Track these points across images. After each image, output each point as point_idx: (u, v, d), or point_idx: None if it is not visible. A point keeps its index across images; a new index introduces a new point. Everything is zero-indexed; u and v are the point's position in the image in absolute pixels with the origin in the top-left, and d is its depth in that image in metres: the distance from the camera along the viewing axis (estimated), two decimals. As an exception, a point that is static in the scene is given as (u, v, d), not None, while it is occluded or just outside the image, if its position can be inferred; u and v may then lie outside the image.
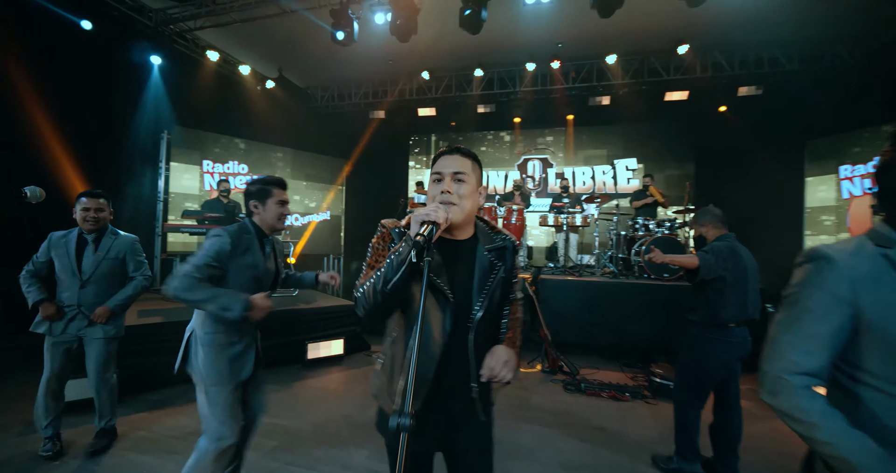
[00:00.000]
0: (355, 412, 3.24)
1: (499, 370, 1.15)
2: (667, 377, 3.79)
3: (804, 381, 0.87)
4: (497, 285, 1.21)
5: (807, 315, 0.90)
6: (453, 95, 8.18)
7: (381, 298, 1.08)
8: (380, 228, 1.24)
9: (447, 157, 1.20)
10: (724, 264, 2.32)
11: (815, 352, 0.88)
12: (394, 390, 1.19)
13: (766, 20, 5.77)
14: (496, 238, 1.26)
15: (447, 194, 1.14)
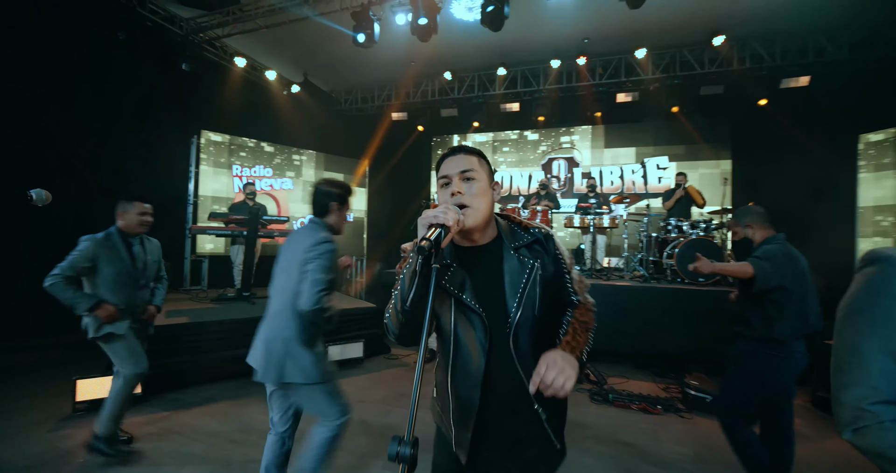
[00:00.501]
0: (372, 417, 3.18)
1: (551, 377, 0.92)
2: (703, 390, 3.54)
3: (889, 412, 0.72)
4: (533, 284, 1.07)
5: (877, 327, 0.75)
6: (476, 95, 8.07)
7: (404, 317, 1.00)
8: (401, 253, 1.18)
9: (450, 158, 1.10)
10: (783, 270, 2.02)
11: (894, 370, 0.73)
12: (447, 416, 1.12)
13: (811, 5, 5.37)
14: (524, 234, 1.12)
15: (459, 196, 1.04)
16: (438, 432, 1.20)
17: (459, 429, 1.07)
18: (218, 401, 3.41)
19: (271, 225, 5.28)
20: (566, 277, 1.13)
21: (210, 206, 6.47)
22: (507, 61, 7.32)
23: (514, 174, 8.75)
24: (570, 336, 1.09)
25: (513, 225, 1.15)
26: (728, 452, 2.78)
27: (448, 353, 1.08)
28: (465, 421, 1.06)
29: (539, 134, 8.67)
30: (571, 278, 1.14)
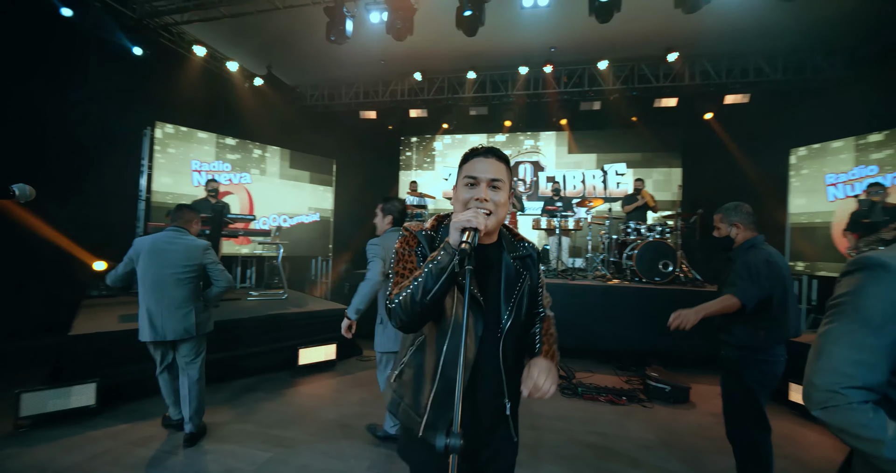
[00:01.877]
0: (353, 420, 3.15)
1: (542, 381, 1.04)
2: (662, 381, 3.82)
3: (861, 395, 0.84)
4: (524, 294, 1.17)
5: (863, 325, 0.87)
6: (445, 97, 8.14)
7: (420, 308, 1.02)
8: (402, 232, 1.20)
9: (483, 160, 1.12)
10: (766, 282, 2.00)
11: (873, 365, 0.84)
12: (423, 402, 1.12)
13: (752, 31, 5.92)
14: (519, 246, 1.22)
15: (484, 203, 1.08)
16: (405, 435, 1.21)
17: (438, 409, 1.09)
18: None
19: (236, 223, 5.04)
20: (540, 292, 1.27)
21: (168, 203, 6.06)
22: (476, 66, 7.45)
23: (482, 176, 8.90)
24: (547, 347, 1.22)
25: (510, 235, 1.24)
26: (689, 436, 3.05)
27: (444, 336, 1.11)
28: (448, 402, 1.07)
29: (506, 138, 8.89)
30: (543, 294, 1.28)
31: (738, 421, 2.16)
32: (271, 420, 3.11)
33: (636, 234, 5.81)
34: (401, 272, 1.13)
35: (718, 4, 4.68)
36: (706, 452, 2.81)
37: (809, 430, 3.18)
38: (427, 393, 1.11)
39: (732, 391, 2.16)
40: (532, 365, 1.08)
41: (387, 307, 1.10)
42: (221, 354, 3.83)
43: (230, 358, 3.89)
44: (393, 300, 1.07)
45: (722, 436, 3.00)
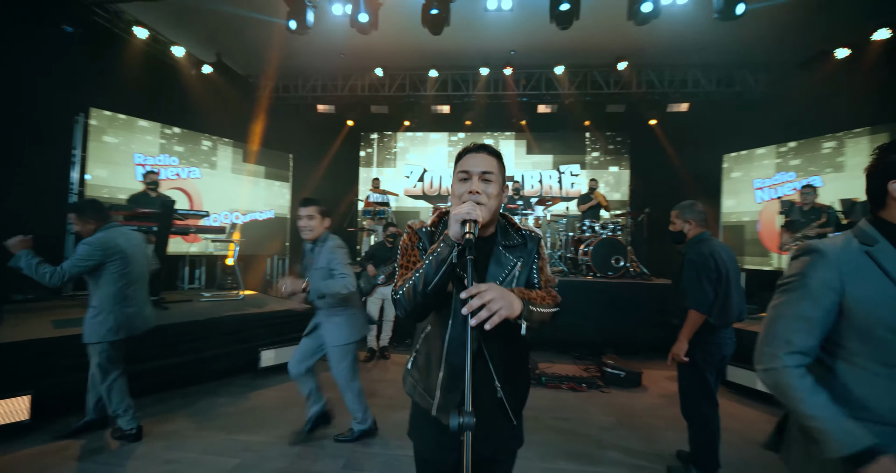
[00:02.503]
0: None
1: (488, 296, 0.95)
2: (617, 368, 4.10)
3: (796, 360, 1.01)
4: (513, 278, 1.19)
5: (802, 300, 1.03)
6: (407, 94, 8.11)
7: (422, 298, 1.08)
8: (406, 229, 1.26)
9: (474, 155, 1.18)
10: (713, 276, 2.25)
11: (808, 332, 1.01)
12: (432, 384, 1.20)
13: (691, 46, 6.47)
14: (514, 235, 1.24)
15: (476, 195, 1.13)
16: (416, 414, 1.29)
17: (447, 393, 1.17)
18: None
19: (189, 220, 4.72)
20: (534, 268, 1.23)
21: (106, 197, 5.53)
22: (438, 64, 7.49)
23: (444, 175, 8.99)
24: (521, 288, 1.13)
25: (508, 225, 1.27)
26: (646, 416, 3.31)
27: (446, 325, 1.17)
28: (456, 385, 1.16)
29: (467, 137, 9.02)
30: (541, 270, 1.24)
31: (690, 399, 2.41)
32: (235, 424, 2.98)
33: (591, 231, 6.16)
34: (405, 266, 1.19)
35: (664, 19, 5.06)
36: (659, 429, 3.07)
37: (747, 407, 3.56)
38: (436, 378, 1.19)
39: (685, 372, 2.40)
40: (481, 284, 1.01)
41: (393, 298, 1.15)
42: (176, 358, 3.60)
43: (187, 363, 3.65)
44: (398, 291, 1.12)
45: (672, 415, 3.30)
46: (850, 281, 0.99)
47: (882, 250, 0.99)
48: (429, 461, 1.27)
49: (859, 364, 0.99)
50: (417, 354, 1.28)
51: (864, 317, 0.97)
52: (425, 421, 1.23)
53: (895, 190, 1.00)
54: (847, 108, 5.95)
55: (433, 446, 1.24)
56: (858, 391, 0.98)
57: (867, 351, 0.98)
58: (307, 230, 2.51)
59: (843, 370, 1.01)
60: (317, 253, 2.54)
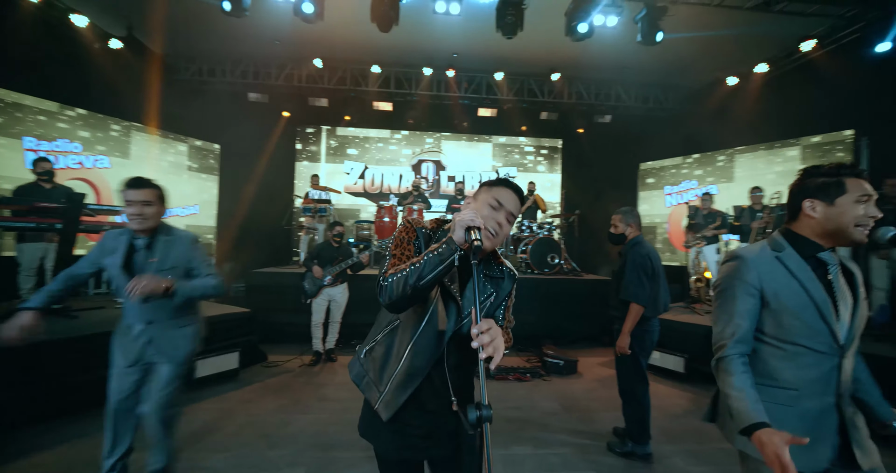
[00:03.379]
0: (274, 430, 2.95)
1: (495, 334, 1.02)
2: (556, 357, 4.45)
3: (740, 348, 1.25)
4: (481, 309, 1.19)
5: (732, 298, 1.28)
6: (348, 89, 7.90)
7: (411, 291, 1.10)
8: (404, 222, 1.29)
9: (510, 192, 1.24)
10: (650, 274, 2.59)
11: (742, 323, 1.26)
12: (384, 376, 1.22)
13: (615, 64, 7.16)
14: (496, 267, 1.32)
15: (498, 227, 1.21)
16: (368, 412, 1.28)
17: (398, 390, 1.20)
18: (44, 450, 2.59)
19: (99, 216, 4.15)
20: (503, 306, 1.34)
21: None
22: (381, 61, 7.41)
23: (385, 173, 8.90)
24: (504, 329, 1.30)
25: (491, 257, 1.34)
26: (584, 399, 3.65)
27: (419, 324, 1.21)
28: (407, 386, 1.20)
29: (410, 135, 9.03)
30: (507, 308, 1.35)
31: (626, 380, 2.75)
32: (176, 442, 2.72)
33: (529, 231, 6.56)
34: (397, 256, 1.22)
35: (594, 39, 5.56)
36: (597, 410, 3.42)
37: (666, 386, 4.08)
38: (391, 372, 1.21)
39: (623, 357, 2.72)
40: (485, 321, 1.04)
41: (379, 283, 1.15)
42: (90, 375, 3.17)
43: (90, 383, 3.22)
44: (387, 278, 1.13)
45: (606, 397, 3.69)
46: (766, 279, 1.25)
47: (788, 255, 1.26)
48: (389, 459, 1.28)
49: (774, 344, 1.25)
50: (376, 344, 1.27)
51: (777, 307, 1.23)
52: (372, 414, 1.24)
53: (807, 207, 1.27)
54: (736, 127, 7.03)
55: (390, 442, 1.24)
56: (771, 364, 1.25)
57: (777, 333, 1.24)
58: (141, 219, 1.90)
59: (763, 349, 1.27)
60: (159, 249, 1.96)
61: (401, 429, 1.22)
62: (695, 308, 5.13)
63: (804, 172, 1.32)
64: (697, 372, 4.15)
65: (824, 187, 1.25)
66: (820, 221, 1.25)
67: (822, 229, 1.25)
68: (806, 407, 1.20)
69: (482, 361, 0.99)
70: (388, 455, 1.27)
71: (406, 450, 1.23)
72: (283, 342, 5.05)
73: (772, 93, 6.64)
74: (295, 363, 4.48)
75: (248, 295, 5.62)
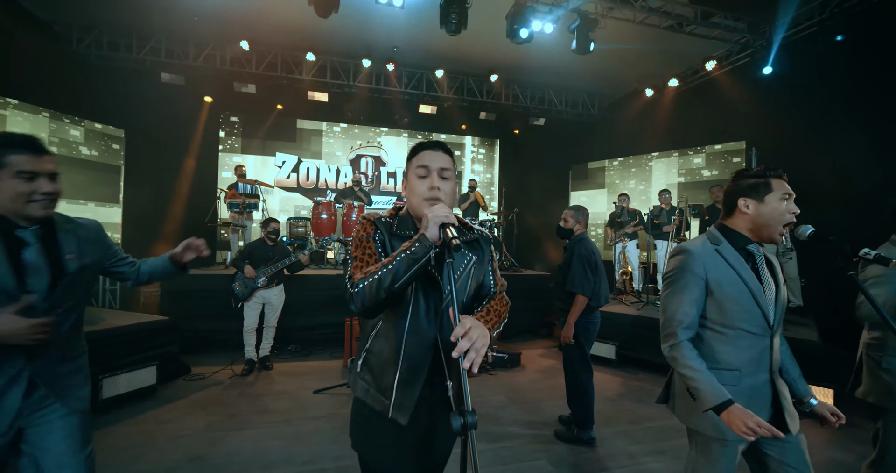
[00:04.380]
0: (207, 449, 2.65)
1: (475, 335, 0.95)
2: (501, 351, 4.58)
3: (687, 334, 1.37)
4: (467, 276, 1.23)
5: (684, 288, 1.40)
6: (279, 75, 7.35)
7: (386, 295, 1.04)
8: (360, 221, 1.23)
9: (431, 152, 1.21)
10: (593, 270, 2.77)
11: (690, 311, 1.38)
12: (388, 383, 1.16)
13: (549, 70, 7.54)
14: (467, 232, 1.29)
15: (436, 191, 1.16)
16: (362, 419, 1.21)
17: (405, 389, 1.14)
18: None
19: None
20: (490, 269, 1.32)
21: None
22: (317, 48, 7.00)
23: (322, 167, 8.47)
24: (483, 312, 1.18)
25: (459, 223, 1.29)
26: (530, 390, 3.79)
27: (403, 319, 1.16)
28: (414, 380, 1.15)
29: (348, 129, 8.68)
30: (494, 271, 1.33)
31: (571, 369, 2.90)
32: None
33: (471, 228, 6.67)
34: (360, 257, 1.15)
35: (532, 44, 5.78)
36: (542, 400, 3.58)
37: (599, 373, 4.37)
38: (392, 376, 1.15)
39: (569, 347, 2.87)
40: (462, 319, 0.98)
41: (349, 291, 1.07)
42: None
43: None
44: (356, 284, 1.06)
45: (549, 386, 3.87)
46: (709, 270, 1.38)
47: (724, 248, 1.41)
48: (382, 467, 1.19)
49: (716, 329, 1.39)
50: (368, 353, 1.21)
51: (719, 294, 1.37)
52: (377, 426, 1.17)
53: (741, 205, 1.42)
54: (652, 135, 7.78)
55: (390, 453, 1.18)
56: (715, 347, 1.39)
57: (720, 319, 1.38)
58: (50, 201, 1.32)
59: (706, 335, 1.41)
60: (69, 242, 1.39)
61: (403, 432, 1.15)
62: (622, 299, 5.60)
63: (736, 174, 1.48)
64: (626, 358, 4.53)
65: (755, 186, 1.40)
66: (752, 216, 1.40)
67: (754, 224, 1.41)
68: (747, 384, 1.35)
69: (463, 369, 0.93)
70: (385, 465, 1.18)
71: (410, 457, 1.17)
72: (210, 351, 4.59)
73: (681, 105, 7.45)
74: (225, 373, 4.08)
75: (165, 301, 5.00)
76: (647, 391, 3.84)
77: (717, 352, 1.37)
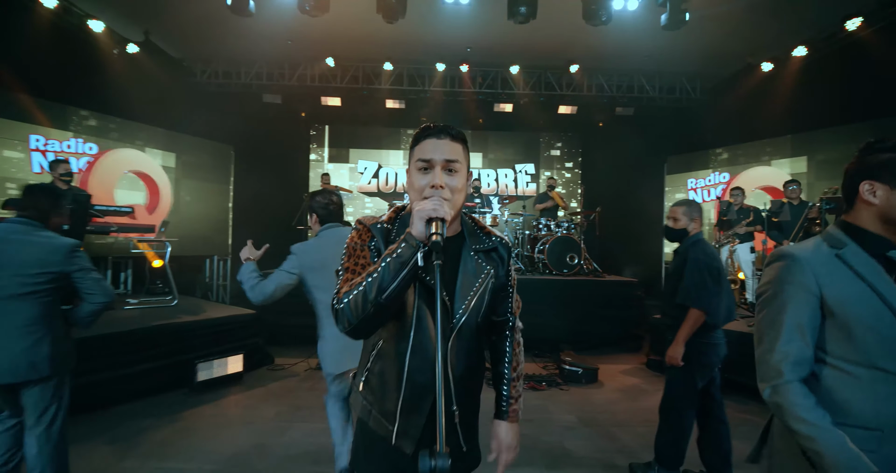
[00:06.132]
0: (269, 438, 2.81)
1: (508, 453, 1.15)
2: (574, 364, 4.15)
3: (797, 372, 0.97)
4: (484, 291, 1.05)
5: (785, 308, 1.00)
6: (360, 87, 7.80)
7: (373, 308, 0.88)
8: (356, 225, 1.06)
9: (434, 140, 0.99)
10: (716, 279, 2.21)
11: (800, 339, 0.98)
12: (390, 408, 1.01)
13: (637, 53, 6.77)
14: (485, 239, 1.10)
15: (438, 190, 0.96)
16: (364, 440, 1.09)
17: (409, 416, 1.00)
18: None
19: (109, 216, 4.15)
20: (510, 291, 1.15)
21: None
22: (393, 57, 7.27)
23: (400, 173, 8.76)
24: (514, 400, 1.18)
25: (476, 227, 1.13)
26: (605, 412, 3.35)
27: (406, 339, 1.00)
28: (420, 406, 1.00)
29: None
30: (513, 294, 1.17)
31: (671, 397, 2.35)
32: (166, 451, 2.62)
33: (546, 230, 6.26)
34: (351, 269, 0.99)
35: (614, 27, 5.23)
36: (619, 425, 3.12)
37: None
38: (395, 401, 1.01)
39: (675, 370, 2.30)
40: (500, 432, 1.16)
41: (333, 307, 0.93)
42: (91, 376, 3.11)
43: (104, 381, 3.18)
44: (341, 299, 0.91)
45: (629, 409, 3.39)
46: (826, 283, 0.97)
47: (851, 252, 0.98)
48: None
49: (842, 368, 0.97)
50: (369, 373, 1.07)
51: (843, 318, 0.96)
52: (381, 451, 1.05)
53: (864, 190, 1.00)
54: (771, 116, 6.52)
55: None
56: (841, 396, 0.96)
57: (849, 354, 0.96)
58: None
59: (827, 375, 0.99)
60: None
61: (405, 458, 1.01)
62: (728, 312, 4.72)
63: (865, 146, 1.04)
64: (731, 384, 3.77)
65: (889, 164, 0.97)
66: (882, 208, 0.97)
67: (886, 219, 0.97)
68: (889, 453, 0.91)
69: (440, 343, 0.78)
70: None
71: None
72: (291, 344, 4.94)
73: (811, 78, 6.10)
74: (301, 366, 4.36)
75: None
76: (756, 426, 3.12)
77: (843, 401, 0.95)
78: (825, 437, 0.90)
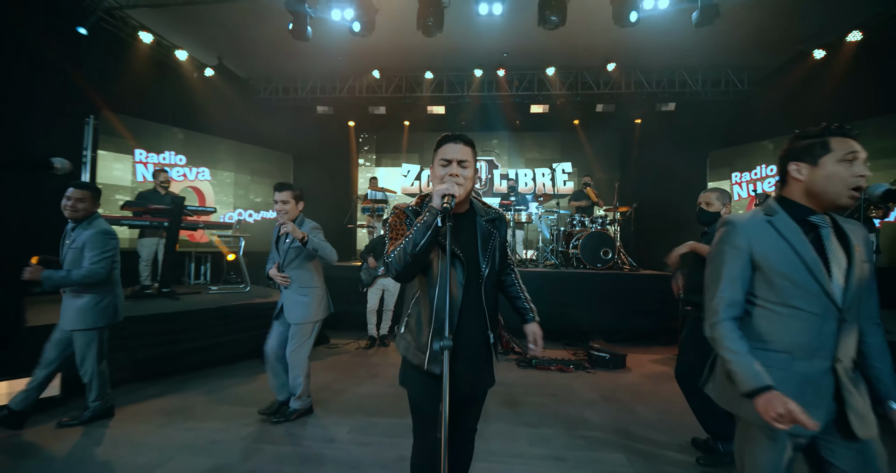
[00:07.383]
0: (324, 394, 3.33)
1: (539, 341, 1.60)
2: (602, 350, 4.35)
3: (730, 312, 1.27)
4: (495, 248, 1.52)
5: (724, 264, 1.30)
6: (403, 96, 8.37)
7: (411, 259, 1.33)
8: (394, 210, 1.52)
9: (452, 144, 1.44)
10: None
11: (734, 287, 1.28)
12: (423, 341, 1.43)
13: (678, 48, 6.74)
14: (490, 211, 1.56)
15: (455, 177, 1.40)
16: (406, 368, 1.51)
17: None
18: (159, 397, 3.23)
19: (197, 215, 4.96)
20: (507, 246, 1.66)
21: (109, 195, 5.77)
22: (433, 66, 7.75)
23: (440, 173, 9.24)
24: (532, 308, 1.67)
25: (481, 204, 1.60)
26: (627, 392, 3.57)
27: (433, 287, 1.42)
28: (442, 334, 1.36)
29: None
30: (508, 247, 1.69)
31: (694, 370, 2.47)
32: (248, 400, 3.22)
33: (581, 226, 6.43)
34: (394, 237, 1.44)
35: (649, 23, 5.33)
36: (639, 402, 3.33)
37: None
38: (427, 335, 1.43)
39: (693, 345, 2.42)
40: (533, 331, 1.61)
41: (385, 262, 1.40)
42: (184, 344, 3.84)
43: (195, 349, 3.91)
44: (389, 255, 1.38)
45: (652, 391, 3.59)
46: (756, 243, 1.26)
47: (779, 218, 1.26)
48: (420, 400, 1.49)
49: (767, 307, 1.25)
50: (409, 317, 1.50)
51: (767, 269, 1.24)
52: (415, 372, 1.47)
53: (793, 170, 1.27)
54: (824, 105, 6.24)
55: (423, 390, 1.47)
56: (766, 328, 1.25)
57: (771, 296, 1.24)
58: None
59: (757, 313, 1.27)
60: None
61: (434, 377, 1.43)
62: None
63: (793, 135, 1.31)
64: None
65: (809, 148, 1.24)
66: (805, 183, 1.24)
67: (808, 192, 1.24)
68: (798, 370, 1.20)
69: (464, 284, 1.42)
70: (420, 397, 1.49)
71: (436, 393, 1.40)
72: (344, 327, 5.53)
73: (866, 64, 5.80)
74: (352, 346, 4.92)
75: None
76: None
77: (765, 332, 1.24)
78: (739, 360, 1.20)
